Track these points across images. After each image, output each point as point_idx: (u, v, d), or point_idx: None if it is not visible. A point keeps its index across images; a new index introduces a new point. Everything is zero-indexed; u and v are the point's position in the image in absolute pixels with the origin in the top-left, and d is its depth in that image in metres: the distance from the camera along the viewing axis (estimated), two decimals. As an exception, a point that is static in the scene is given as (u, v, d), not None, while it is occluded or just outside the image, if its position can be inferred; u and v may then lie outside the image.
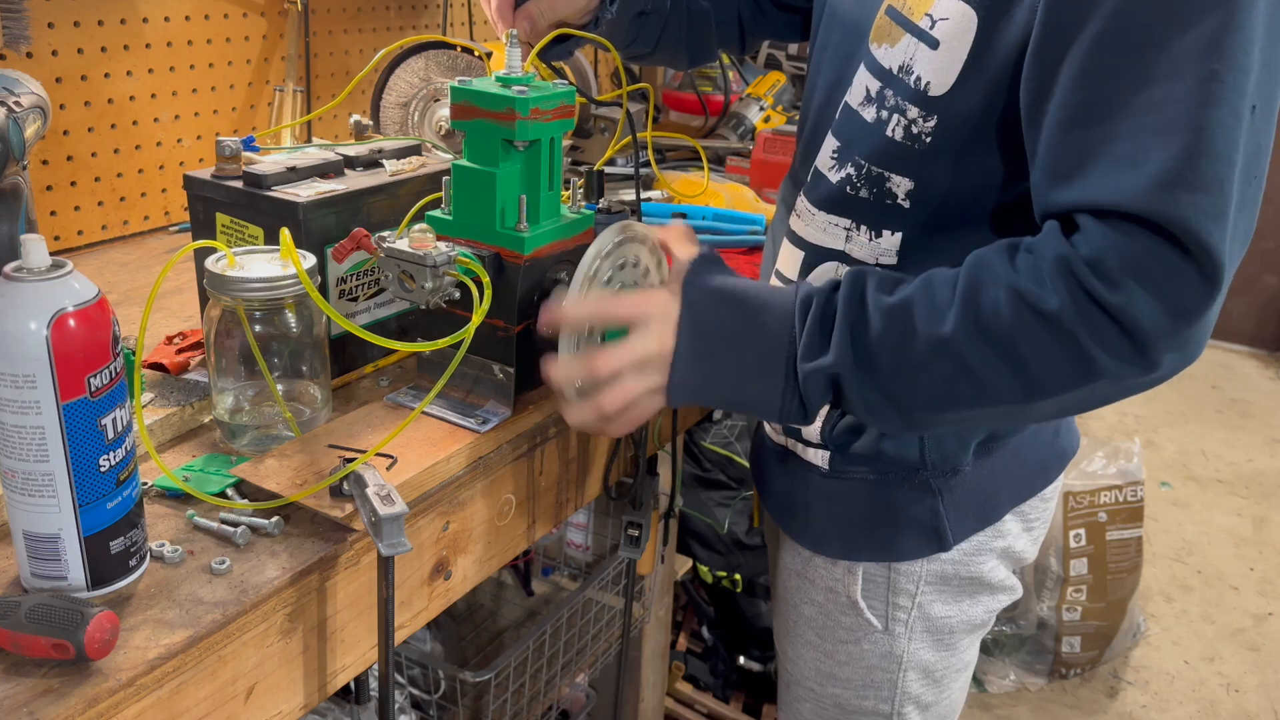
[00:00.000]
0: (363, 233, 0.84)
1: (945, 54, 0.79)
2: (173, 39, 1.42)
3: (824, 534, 1.01)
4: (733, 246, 1.42)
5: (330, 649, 0.78)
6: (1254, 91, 0.69)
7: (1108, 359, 0.71)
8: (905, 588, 0.99)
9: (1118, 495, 2.30)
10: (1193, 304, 0.69)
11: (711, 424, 1.99)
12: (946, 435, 0.92)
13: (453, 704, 1.27)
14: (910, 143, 0.83)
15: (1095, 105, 0.71)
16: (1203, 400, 3.75)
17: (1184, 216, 0.67)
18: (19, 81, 1.05)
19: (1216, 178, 0.68)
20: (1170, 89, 0.68)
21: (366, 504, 0.73)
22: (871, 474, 0.96)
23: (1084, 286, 0.70)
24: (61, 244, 1.35)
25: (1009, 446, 0.97)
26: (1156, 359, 0.71)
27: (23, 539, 0.66)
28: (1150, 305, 0.69)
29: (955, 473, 0.94)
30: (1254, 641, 2.51)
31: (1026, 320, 0.71)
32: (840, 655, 1.05)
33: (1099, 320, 0.70)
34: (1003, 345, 0.72)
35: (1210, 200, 0.68)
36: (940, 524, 0.96)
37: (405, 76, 1.47)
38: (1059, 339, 0.71)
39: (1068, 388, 0.73)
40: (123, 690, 0.61)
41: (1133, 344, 0.70)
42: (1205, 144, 0.67)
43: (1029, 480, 1.01)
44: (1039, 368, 0.72)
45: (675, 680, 1.92)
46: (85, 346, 0.62)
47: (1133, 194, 0.69)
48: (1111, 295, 0.69)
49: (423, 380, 0.95)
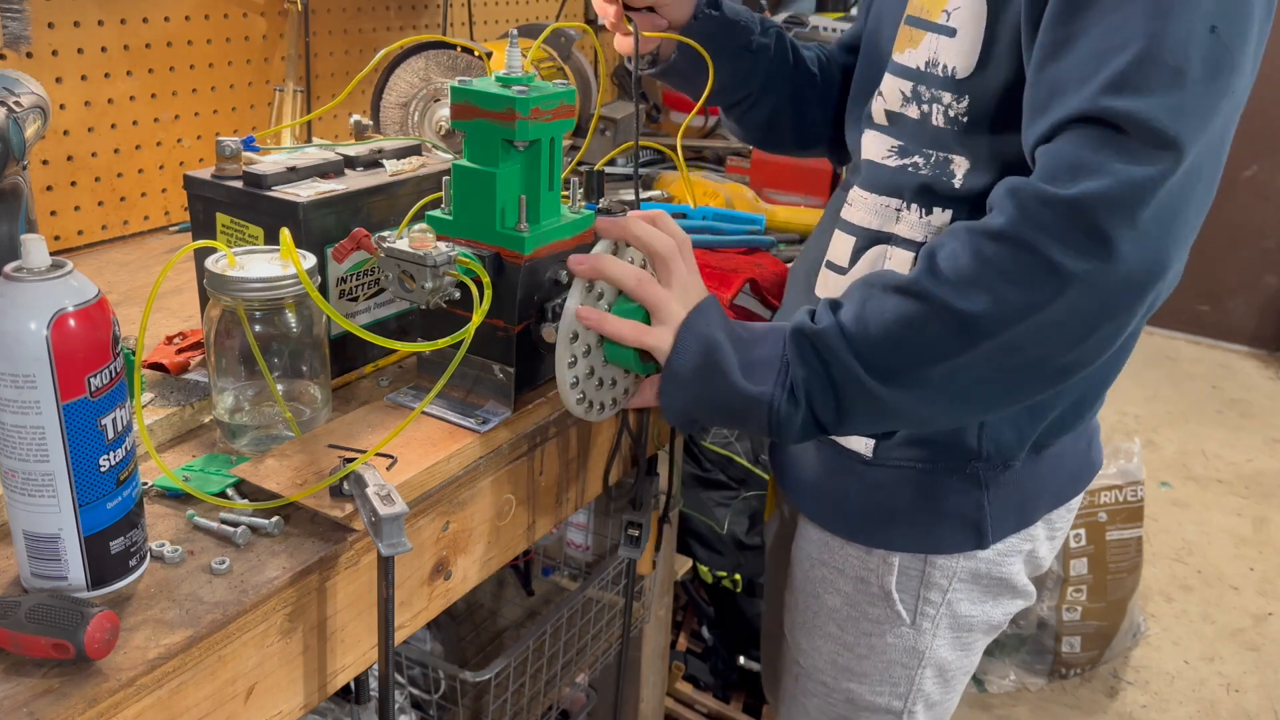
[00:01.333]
0: (363, 233, 0.84)
1: (963, 39, 0.86)
2: (173, 39, 1.42)
3: (861, 522, 1.01)
4: (733, 246, 1.42)
5: (330, 649, 0.78)
6: (1211, 13, 0.71)
7: (1067, 257, 0.70)
8: (938, 582, 1.00)
9: (1118, 495, 2.30)
10: (1144, 179, 0.69)
11: (711, 424, 1.98)
12: (1004, 427, 0.93)
13: (453, 704, 1.27)
14: (951, 126, 0.89)
15: (1062, 41, 0.75)
16: (1203, 400, 3.75)
17: (1130, 110, 0.69)
18: (19, 81, 1.05)
19: (1165, 80, 0.70)
20: (1125, 13, 0.71)
21: (366, 504, 0.73)
22: (921, 462, 0.96)
23: (1031, 195, 0.71)
24: (61, 244, 1.35)
25: (1055, 452, 0.98)
26: (1114, 244, 0.70)
27: (23, 539, 0.66)
28: (1101, 190, 0.69)
29: (1006, 468, 0.96)
30: (1254, 641, 2.51)
31: (979, 242, 0.73)
32: (862, 648, 1.05)
33: (1047, 217, 0.71)
34: (966, 275, 0.74)
35: (1157, 98, 0.69)
36: (983, 520, 0.97)
37: (405, 76, 1.47)
38: (1013, 247, 0.72)
39: (1041, 301, 0.72)
40: (123, 690, 0.61)
41: (1086, 234, 0.70)
42: (1154, 51, 0.70)
43: (1063, 488, 1.03)
44: (1002, 285, 0.72)
45: (675, 680, 1.92)
46: (85, 346, 0.62)
47: (1082, 100, 0.71)
48: (1059, 190, 0.70)
49: (423, 380, 0.95)
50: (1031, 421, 0.94)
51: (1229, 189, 4.08)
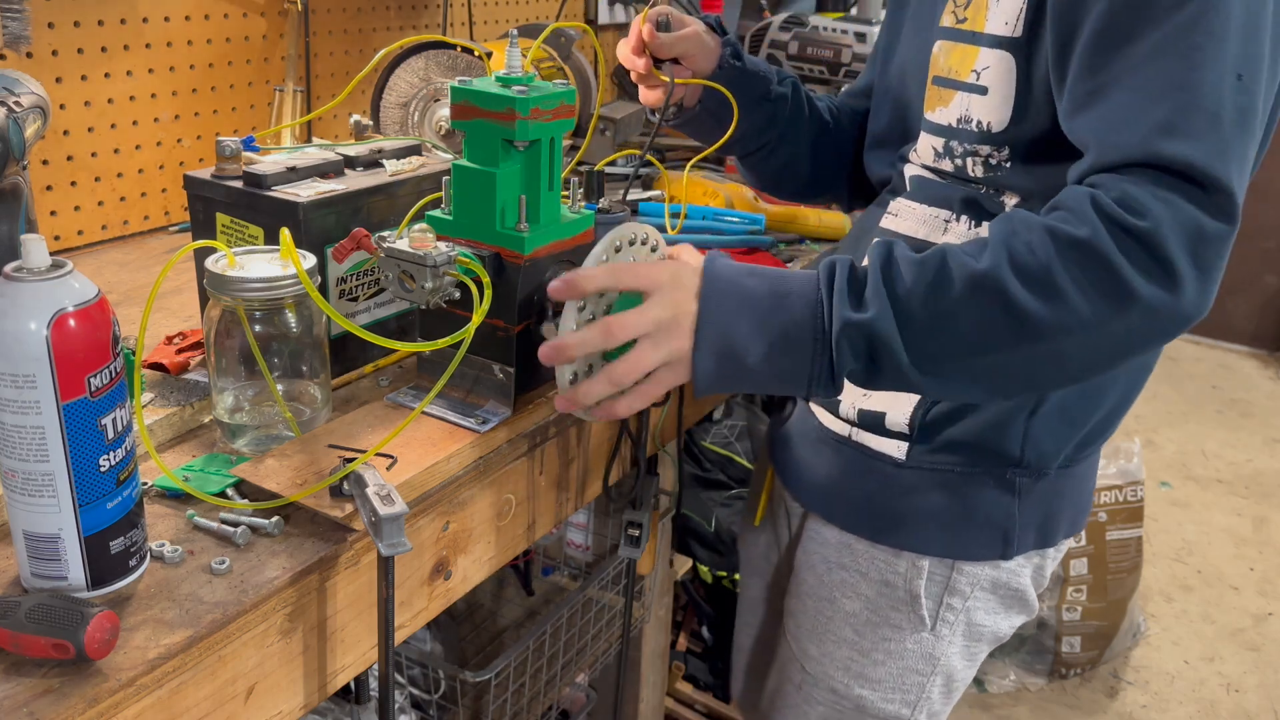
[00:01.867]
0: (363, 233, 0.84)
1: (995, 96, 0.90)
2: (173, 39, 1.42)
3: (889, 524, 1.01)
4: (733, 246, 1.42)
5: (330, 649, 0.78)
6: (1236, 63, 0.75)
7: (1139, 279, 0.73)
8: (962, 589, 1.01)
9: (1118, 495, 2.30)
10: (1211, 228, 0.73)
11: (711, 424, 1.99)
12: (1045, 436, 0.95)
13: (453, 704, 1.27)
14: (993, 172, 0.92)
15: (1097, 90, 0.79)
16: (1203, 400, 3.75)
17: (1185, 156, 0.73)
18: (19, 81, 1.05)
19: (1207, 126, 0.74)
20: (1158, 64, 0.76)
21: (366, 504, 0.73)
22: (959, 466, 0.97)
23: (1111, 215, 0.73)
24: (61, 244, 1.35)
25: (1078, 472, 1.01)
26: (1181, 279, 0.73)
27: (23, 539, 0.66)
28: (1173, 227, 0.72)
29: (1041, 476, 0.97)
30: (1254, 641, 2.51)
31: (1061, 249, 0.74)
32: (879, 654, 1.05)
33: (1127, 242, 0.73)
34: (1039, 276, 0.74)
35: (1205, 144, 0.73)
36: (1011, 529, 0.98)
37: (405, 76, 1.47)
38: (1093, 261, 0.73)
39: (1104, 318, 0.74)
40: (123, 690, 0.61)
41: (1159, 264, 0.73)
42: (1194, 100, 0.74)
43: (1076, 516, 1.05)
44: (1075, 295, 0.74)
45: (675, 680, 1.92)
46: (85, 346, 0.62)
47: (1134, 145, 0.75)
48: (1138, 220, 0.73)
49: (423, 380, 0.95)
50: (1069, 432, 0.96)
51: (1229, 189, 4.09)
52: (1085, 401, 0.96)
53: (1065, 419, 0.96)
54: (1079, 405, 0.96)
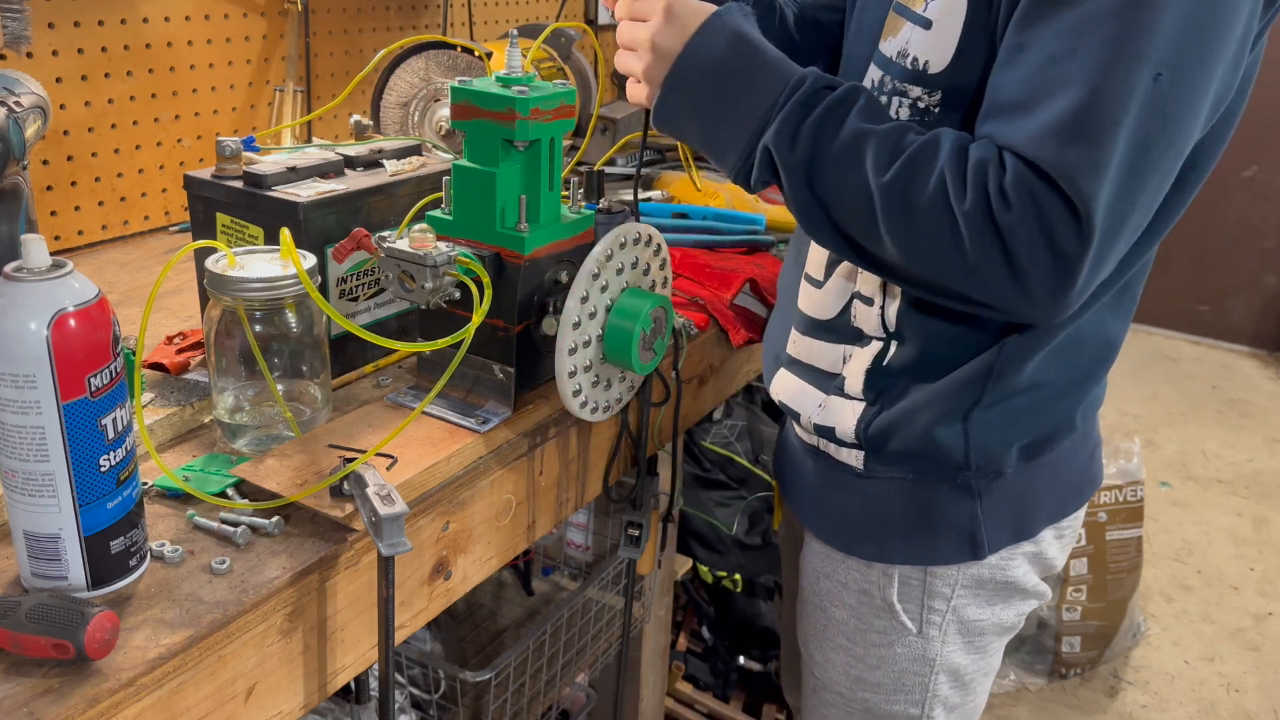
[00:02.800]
0: (363, 233, 0.84)
1: (939, 32, 0.84)
2: (173, 39, 1.42)
3: (859, 536, 1.01)
4: (732, 246, 1.42)
5: (330, 649, 0.78)
6: (1160, 60, 0.71)
7: (985, 268, 0.75)
8: (941, 591, 0.99)
9: (1118, 495, 2.30)
10: (1063, 244, 0.73)
11: (711, 424, 1.99)
12: (988, 435, 0.93)
13: (453, 704, 1.27)
14: (919, 117, 0.87)
15: (1015, 50, 0.77)
16: (1203, 400, 3.75)
17: (1066, 165, 0.71)
18: (19, 81, 1.05)
19: (1097, 137, 0.71)
20: (1080, 42, 0.72)
21: (366, 504, 0.73)
22: (910, 474, 0.96)
23: (989, 195, 0.74)
24: (61, 244, 1.35)
25: (1050, 461, 0.97)
26: (1026, 283, 0.75)
27: (23, 539, 0.66)
28: (1031, 236, 0.73)
29: (998, 476, 0.95)
30: (1254, 641, 2.51)
31: (939, 204, 0.76)
32: (872, 659, 1.04)
33: (989, 232, 0.74)
34: (912, 214, 0.77)
35: (1088, 155, 0.71)
36: (977, 530, 0.96)
37: (405, 76, 1.47)
38: (955, 232, 0.75)
39: (948, 275, 0.78)
40: (123, 690, 0.61)
41: (1009, 265, 0.74)
42: (1092, 102, 0.71)
43: (1064, 501, 1.02)
44: (930, 247, 0.77)
45: (675, 680, 1.92)
46: (85, 346, 0.62)
47: (1022, 139, 0.74)
48: (1005, 213, 0.73)
49: (423, 380, 0.95)
50: (1016, 429, 0.94)
51: (1229, 189, 4.08)
52: (1031, 405, 0.93)
53: (1009, 418, 0.93)
54: (1023, 407, 0.93)
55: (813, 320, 1.00)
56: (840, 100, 0.81)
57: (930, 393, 0.92)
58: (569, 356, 0.88)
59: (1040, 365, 0.91)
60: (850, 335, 0.96)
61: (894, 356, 0.93)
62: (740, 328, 1.26)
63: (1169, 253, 4.13)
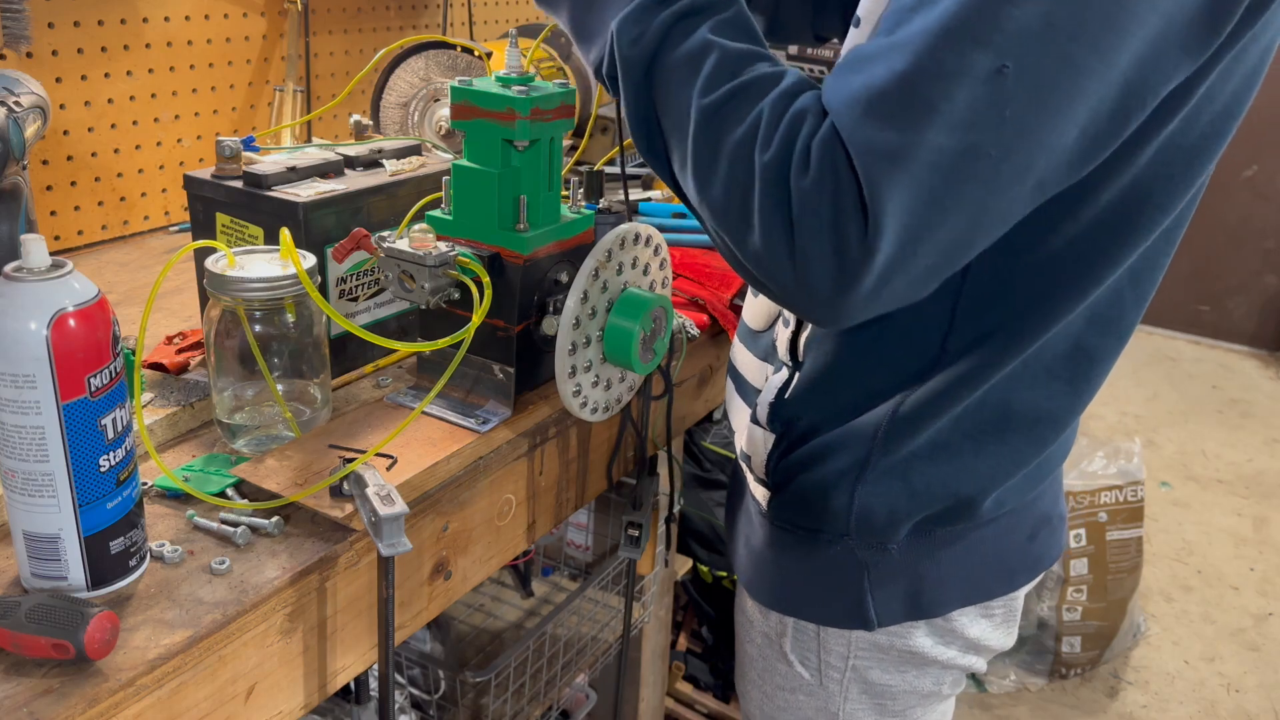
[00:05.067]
0: (363, 233, 0.84)
1: (864, 31, 0.75)
2: (173, 39, 1.42)
3: (758, 578, 0.95)
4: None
5: (330, 649, 0.78)
6: (1007, 51, 0.59)
7: (764, 230, 0.65)
8: (835, 649, 0.92)
9: (1118, 495, 2.30)
10: (850, 241, 0.62)
11: (711, 424, 1.99)
12: (871, 499, 0.84)
13: (453, 704, 1.27)
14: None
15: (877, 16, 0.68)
16: (1203, 400, 3.75)
17: (864, 142, 0.61)
18: (19, 81, 1.05)
19: (907, 118, 0.60)
20: (917, 17, 0.62)
21: (366, 504, 0.73)
22: (802, 527, 0.89)
23: (792, 153, 0.63)
24: (61, 244, 1.35)
25: (957, 541, 0.86)
26: (801, 268, 0.64)
27: (23, 539, 0.66)
28: (819, 211, 0.62)
29: (881, 549, 0.86)
30: (1254, 641, 2.51)
31: (743, 148, 0.66)
32: (779, 700, 0.98)
33: (779, 191, 0.64)
34: (715, 151, 0.67)
35: (891, 138, 0.60)
36: (864, 600, 0.87)
37: (405, 76, 1.47)
38: (747, 183, 0.65)
39: (730, 228, 0.68)
40: (123, 690, 0.61)
41: (787, 235, 0.64)
42: (911, 76, 0.60)
43: (986, 583, 0.90)
44: (720, 192, 0.67)
45: (675, 680, 1.92)
46: (85, 346, 0.62)
47: (834, 99, 0.63)
48: (800, 179, 0.63)
49: (423, 380, 0.95)
50: (908, 505, 0.84)
51: (1229, 189, 4.08)
52: (934, 477, 0.83)
53: (903, 489, 0.83)
54: (924, 479, 0.83)
55: (748, 329, 0.96)
56: (703, 6, 0.71)
57: (827, 442, 0.84)
58: (569, 356, 0.88)
59: (946, 431, 0.81)
60: (771, 354, 0.90)
61: (794, 389, 0.86)
62: (740, 328, 1.26)
63: (1169, 253, 4.12)
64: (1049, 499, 0.93)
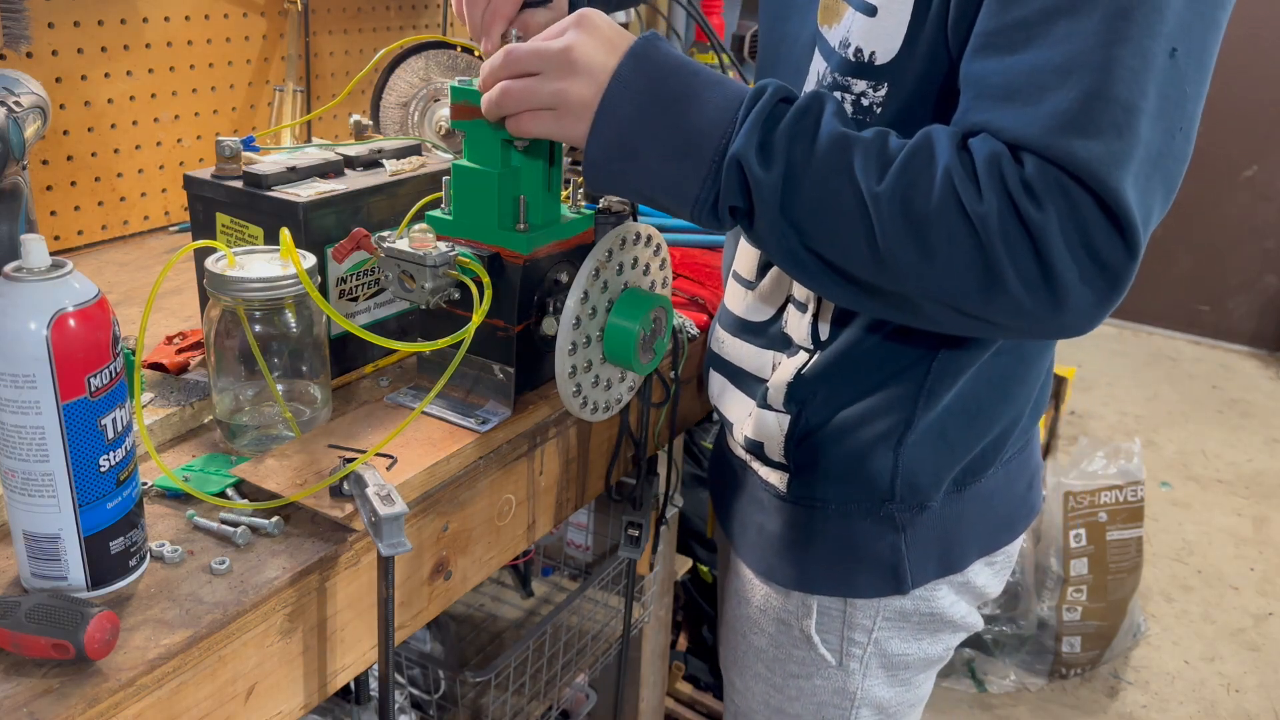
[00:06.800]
0: (363, 233, 0.84)
1: (885, 19, 0.75)
2: (173, 39, 1.42)
3: (778, 561, 0.96)
4: (733, 246, 1.42)
5: (330, 649, 0.78)
6: (1173, 33, 0.63)
7: (1014, 276, 0.66)
8: (861, 623, 0.94)
9: (1118, 495, 2.30)
10: (1107, 252, 0.65)
11: (711, 424, 1.99)
12: (918, 467, 0.86)
13: (453, 704, 1.27)
14: (862, 116, 0.79)
15: (1003, 34, 0.67)
16: (1203, 400, 3.75)
17: (1084, 159, 0.63)
18: (19, 81, 1.05)
19: (1116, 123, 0.63)
20: (1073, 24, 0.64)
21: (366, 504, 0.73)
22: (834, 502, 0.91)
23: (1010, 193, 0.65)
24: (61, 244, 1.35)
25: (981, 492, 0.91)
26: (1063, 295, 0.66)
27: (23, 539, 0.66)
28: (1067, 235, 0.64)
29: (922, 509, 0.89)
30: (1254, 641, 2.51)
31: (950, 208, 0.66)
32: (791, 690, 1.00)
33: (1016, 233, 0.65)
34: (918, 224, 0.67)
35: (1107, 146, 0.63)
36: (900, 564, 0.90)
37: (405, 76, 1.47)
38: (974, 238, 0.66)
39: (968, 292, 0.68)
40: (123, 690, 0.61)
41: (1042, 270, 0.65)
42: (1105, 86, 0.63)
43: (996, 534, 0.96)
44: (944, 260, 0.67)
45: (675, 680, 1.92)
46: (85, 346, 0.62)
47: (1033, 132, 0.65)
48: (1035, 211, 0.64)
49: (423, 380, 0.95)
50: (949, 460, 0.88)
51: (1229, 189, 4.08)
52: (967, 428, 0.87)
53: (943, 445, 0.87)
54: (959, 431, 0.87)
55: (742, 321, 0.96)
56: (806, 107, 0.71)
57: (859, 413, 0.86)
58: (569, 356, 0.88)
59: (972, 381, 0.85)
60: (780, 342, 0.92)
61: (812, 367, 0.87)
62: (740, 328, 1.26)
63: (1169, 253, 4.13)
64: (1035, 451, 1.00)
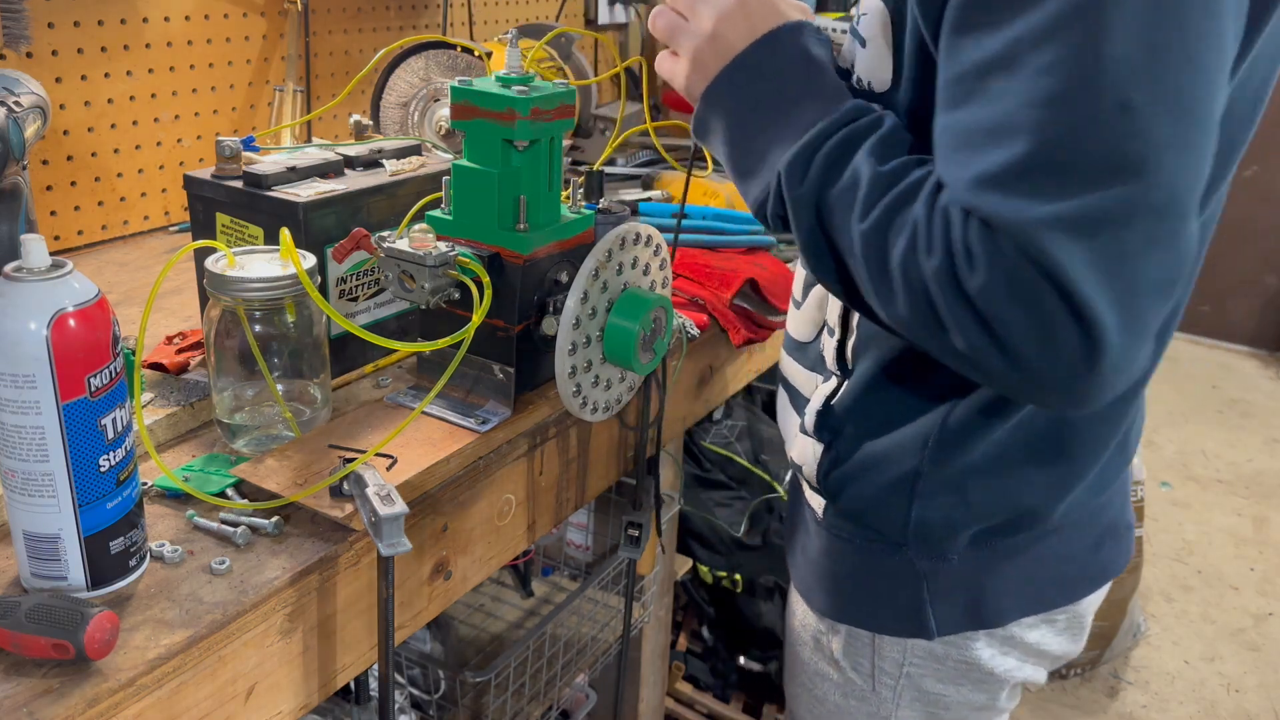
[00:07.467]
0: (363, 233, 0.84)
1: (873, 49, 0.76)
2: (173, 39, 1.42)
3: (811, 584, 0.96)
4: (732, 246, 1.42)
5: (330, 649, 0.78)
6: (1130, 78, 0.56)
7: (961, 337, 0.62)
8: (891, 655, 0.91)
9: (1118, 495, 2.30)
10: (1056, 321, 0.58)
11: (711, 424, 1.99)
12: (929, 509, 0.83)
13: (453, 704, 1.27)
14: None
15: (947, 88, 0.64)
16: (1203, 400, 3.75)
17: (1014, 220, 0.58)
18: (19, 81, 1.05)
19: (1051, 185, 0.57)
20: (1015, 82, 0.58)
21: (366, 504, 0.73)
22: (858, 537, 0.89)
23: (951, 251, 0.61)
24: (61, 244, 1.35)
25: (1015, 550, 0.85)
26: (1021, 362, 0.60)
27: (23, 539, 0.66)
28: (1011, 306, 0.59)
29: (942, 559, 0.85)
30: (1254, 641, 2.51)
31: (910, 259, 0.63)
32: (830, 706, 0.99)
33: (953, 294, 0.61)
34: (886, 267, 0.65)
35: (1040, 206, 0.57)
36: (922, 609, 0.87)
37: (405, 76, 1.47)
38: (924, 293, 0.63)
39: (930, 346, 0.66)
40: (123, 690, 0.61)
41: (990, 337, 0.60)
42: (1039, 149, 0.57)
43: (1043, 593, 0.88)
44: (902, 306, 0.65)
45: (675, 680, 1.92)
46: (85, 346, 0.62)
47: (959, 191, 0.61)
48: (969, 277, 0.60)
49: (423, 380, 0.95)
50: (965, 518, 0.83)
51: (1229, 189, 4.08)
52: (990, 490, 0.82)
53: (955, 498, 0.82)
54: (981, 493, 0.82)
55: (794, 341, 0.96)
56: (859, 132, 0.70)
57: (879, 451, 0.84)
58: (569, 356, 0.88)
59: (1001, 444, 0.79)
60: (819, 364, 0.90)
61: (842, 397, 0.86)
62: (740, 328, 1.26)
63: (1169, 253, 4.12)
64: (1116, 507, 0.90)
